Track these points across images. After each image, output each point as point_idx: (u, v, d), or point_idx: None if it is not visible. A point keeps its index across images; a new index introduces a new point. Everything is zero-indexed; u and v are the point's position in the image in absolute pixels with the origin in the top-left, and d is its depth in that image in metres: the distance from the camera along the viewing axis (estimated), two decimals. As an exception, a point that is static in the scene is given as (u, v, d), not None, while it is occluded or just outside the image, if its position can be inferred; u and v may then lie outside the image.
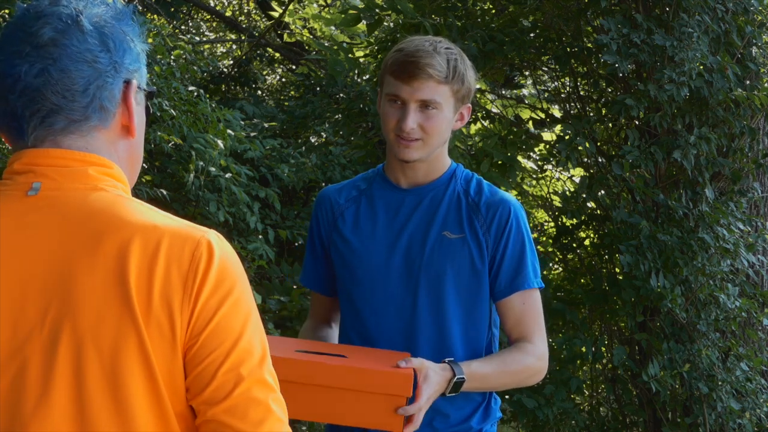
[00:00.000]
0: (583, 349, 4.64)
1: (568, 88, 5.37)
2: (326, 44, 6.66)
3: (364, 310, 2.14)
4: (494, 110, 5.88)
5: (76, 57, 1.23)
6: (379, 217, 2.16)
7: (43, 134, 1.24)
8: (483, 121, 5.58)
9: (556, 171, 5.98)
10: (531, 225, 6.09)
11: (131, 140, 1.31)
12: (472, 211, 2.14)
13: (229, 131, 4.96)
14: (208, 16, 9.80)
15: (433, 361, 2.00)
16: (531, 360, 2.11)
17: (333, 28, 6.28)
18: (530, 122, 5.60)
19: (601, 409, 5.15)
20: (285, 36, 8.12)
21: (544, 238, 5.72)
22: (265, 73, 9.18)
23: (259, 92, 8.74)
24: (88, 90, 1.24)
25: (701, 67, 4.33)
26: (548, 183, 6.03)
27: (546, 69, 5.58)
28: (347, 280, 2.17)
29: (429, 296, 2.10)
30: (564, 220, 5.25)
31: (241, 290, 1.23)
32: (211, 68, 6.76)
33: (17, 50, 1.23)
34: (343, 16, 5.28)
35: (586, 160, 4.87)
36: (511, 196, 2.21)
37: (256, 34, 8.32)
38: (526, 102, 5.94)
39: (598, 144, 4.86)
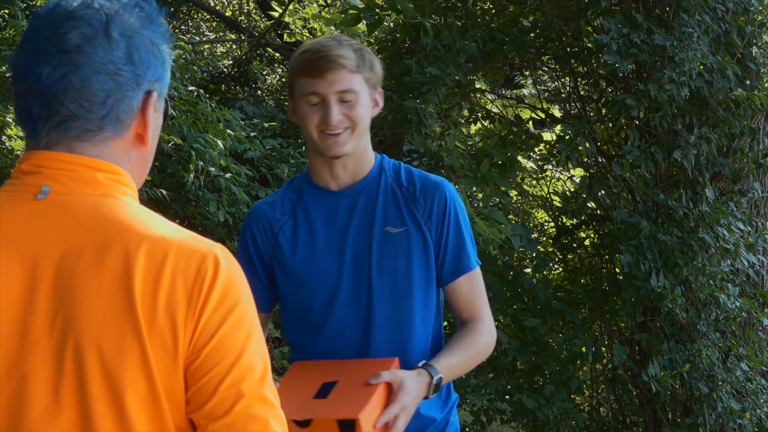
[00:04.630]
0: (583, 349, 4.64)
1: (568, 88, 5.37)
2: (326, 44, 6.64)
3: (322, 321, 2.12)
4: (494, 110, 5.88)
5: (99, 67, 1.21)
6: (318, 225, 2.14)
7: (56, 138, 1.23)
8: (483, 121, 5.57)
9: (556, 171, 5.98)
10: (531, 225, 6.10)
11: (144, 149, 1.30)
12: (409, 202, 2.14)
13: (229, 131, 4.96)
14: (208, 16, 9.80)
15: (402, 356, 2.05)
16: (485, 339, 2.17)
17: (333, 28, 6.27)
18: (530, 122, 5.60)
19: (601, 409, 5.15)
20: (285, 36, 8.11)
21: (544, 238, 5.72)
22: (265, 73, 9.18)
23: (259, 92, 8.74)
24: (106, 102, 1.23)
25: (701, 67, 4.33)
26: (548, 183, 6.02)
27: (546, 69, 5.58)
28: (297, 294, 2.15)
29: (385, 295, 2.10)
30: (564, 220, 5.25)
31: (245, 306, 1.23)
32: (211, 68, 6.75)
33: (41, 50, 1.22)
34: (343, 16, 5.27)
35: (586, 160, 4.87)
36: (441, 178, 2.20)
37: (256, 34, 8.31)
38: (526, 102, 5.94)
39: (598, 144, 4.86)
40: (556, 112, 5.65)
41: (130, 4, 1.27)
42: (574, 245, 5.19)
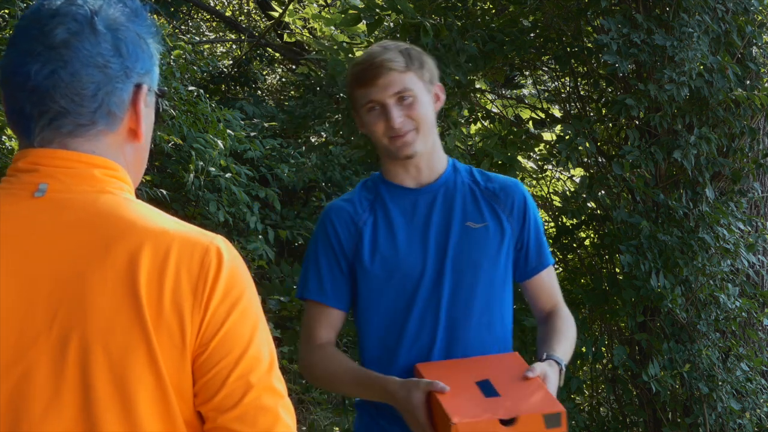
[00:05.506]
0: (583, 349, 4.63)
1: (568, 88, 5.37)
2: (326, 44, 6.66)
3: (404, 315, 2.13)
4: (494, 110, 5.88)
5: (87, 61, 1.22)
6: (398, 222, 2.16)
7: (50, 136, 1.23)
8: (483, 121, 5.57)
9: (556, 171, 5.98)
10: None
11: (138, 144, 1.30)
12: (490, 199, 2.19)
13: (229, 131, 4.96)
14: (208, 16, 9.80)
15: (481, 351, 2.10)
16: (574, 325, 2.26)
17: (333, 28, 6.27)
18: (530, 122, 5.60)
19: (601, 409, 5.15)
20: (285, 36, 8.11)
21: (544, 238, 5.70)
22: (265, 73, 9.19)
23: (259, 92, 8.75)
24: (97, 95, 1.23)
25: (701, 67, 4.33)
26: (548, 183, 6.02)
27: (546, 69, 5.58)
28: (379, 290, 2.14)
29: (464, 289, 2.13)
30: (564, 220, 5.24)
31: (250, 297, 1.23)
32: (211, 68, 6.75)
33: (29, 48, 1.22)
34: (343, 16, 5.27)
35: (586, 160, 4.87)
36: (513, 178, 2.30)
37: (256, 34, 8.32)
38: (526, 102, 5.94)
39: (598, 144, 4.86)
40: (556, 112, 5.64)
41: (113, 2, 1.27)
42: (574, 245, 5.18)
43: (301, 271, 2.25)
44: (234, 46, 9.45)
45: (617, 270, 4.90)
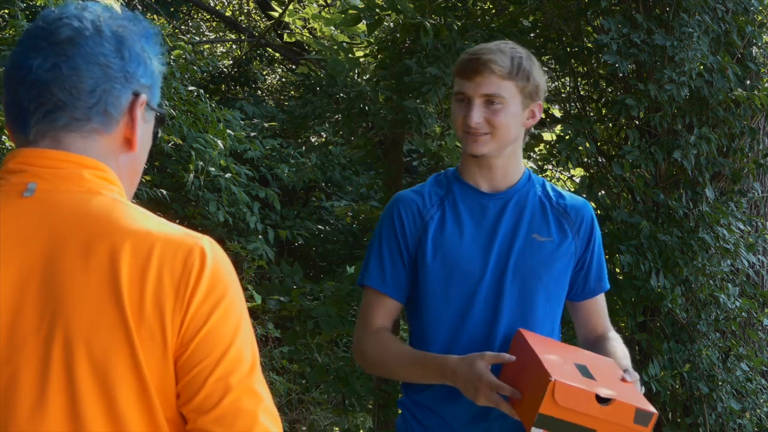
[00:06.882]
0: (584, 349, 4.63)
1: (568, 88, 5.38)
2: (326, 44, 6.67)
3: (462, 315, 2.12)
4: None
5: (89, 58, 1.24)
6: (465, 221, 2.16)
7: (44, 129, 1.24)
8: (483, 121, 5.57)
9: (556, 171, 5.98)
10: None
11: (132, 154, 1.31)
12: (560, 215, 2.19)
13: (228, 131, 4.97)
14: (208, 16, 9.80)
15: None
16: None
17: (333, 28, 6.27)
18: (530, 122, 5.59)
19: (601, 409, 5.15)
20: (285, 36, 8.11)
21: (544, 238, 5.70)
22: (265, 73, 9.19)
23: (259, 92, 8.76)
24: (95, 91, 1.24)
25: (701, 67, 4.33)
26: (548, 183, 6.01)
27: (546, 69, 5.58)
28: (437, 287, 2.14)
29: (519, 300, 2.12)
30: (564, 220, 5.24)
31: (233, 298, 1.23)
32: (211, 68, 6.75)
33: (34, 45, 1.25)
34: (343, 16, 5.27)
35: (586, 160, 4.87)
36: (583, 198, 2.29)
37: (256, 34, 8.32)
38: (526, 102, 5.93)
39: (598, 144, 4.86)
40: (556, 112, 5.65)
41: (122, 16, 1.31)
42: (574, 245, 5.18)
43: (364, 257, 2.24)
44: (234, 46, 9.45)
45: (617, 270, 4.90)
